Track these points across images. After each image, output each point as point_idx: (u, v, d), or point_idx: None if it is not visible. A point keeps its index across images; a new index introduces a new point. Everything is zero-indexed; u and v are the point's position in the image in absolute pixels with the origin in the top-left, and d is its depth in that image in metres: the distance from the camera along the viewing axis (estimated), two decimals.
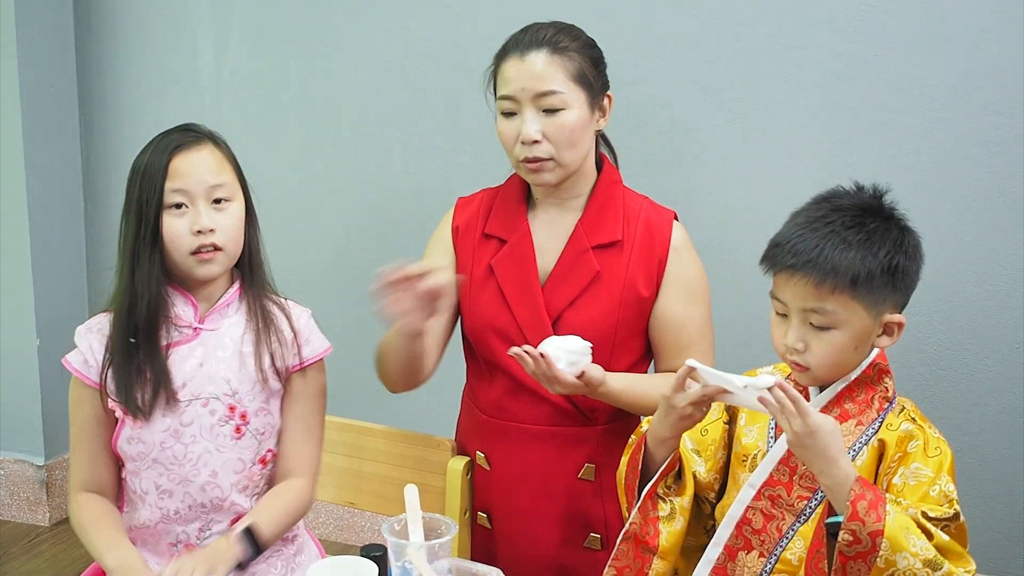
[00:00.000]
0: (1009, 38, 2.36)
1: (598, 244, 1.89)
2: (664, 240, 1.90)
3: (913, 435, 1.48)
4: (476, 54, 2.79)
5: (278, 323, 1.80)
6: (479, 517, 1.99)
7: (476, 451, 1.98)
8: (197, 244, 1.70)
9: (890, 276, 1.49)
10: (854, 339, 1.50)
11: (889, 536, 1.35)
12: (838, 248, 1.47)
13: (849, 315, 1.49)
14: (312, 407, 1.83)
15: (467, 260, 1.96)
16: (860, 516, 1.35)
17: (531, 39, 1.86)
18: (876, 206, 1.54)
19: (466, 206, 2.02)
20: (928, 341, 2.51)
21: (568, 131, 1.83)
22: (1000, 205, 2.42)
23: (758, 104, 2.58)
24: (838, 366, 1.52)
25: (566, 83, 1.83)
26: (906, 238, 1.52)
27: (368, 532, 3.14)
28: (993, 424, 2.50)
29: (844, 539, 1.36)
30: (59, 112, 3.21)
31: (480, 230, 1.97)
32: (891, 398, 1.53)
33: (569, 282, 1.89)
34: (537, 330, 1.87)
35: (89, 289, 3.35)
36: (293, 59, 3.04)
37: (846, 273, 1.46)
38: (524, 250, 1.92)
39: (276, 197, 2.88)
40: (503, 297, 1.91)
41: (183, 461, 1.73)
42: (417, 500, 1.49)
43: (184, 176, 1.69)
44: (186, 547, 1.76)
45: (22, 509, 3.32)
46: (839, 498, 1.39)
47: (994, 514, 2.53)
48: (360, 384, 2.45)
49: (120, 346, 1.71)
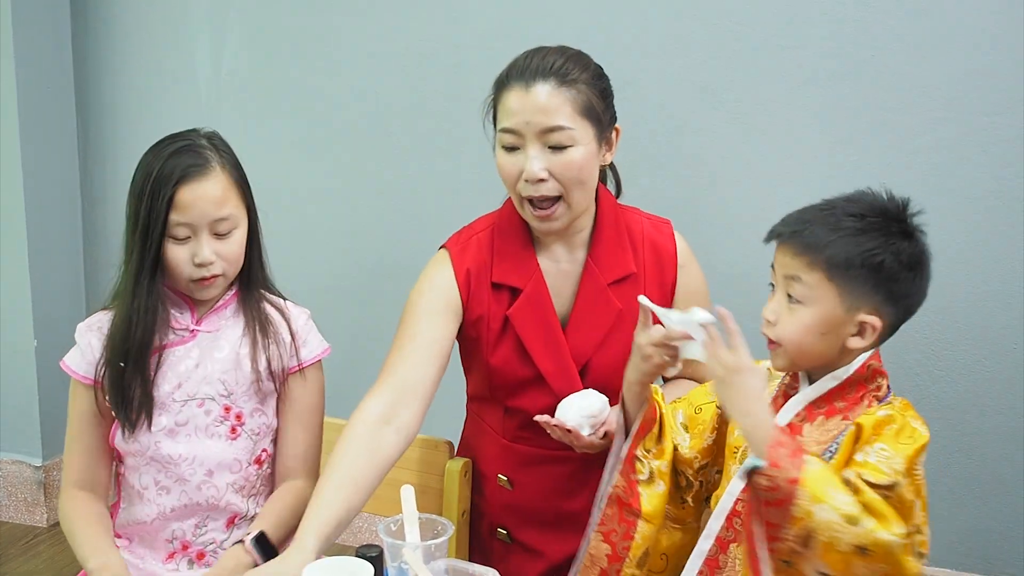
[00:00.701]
0: (1008, 38, 2.36)
1: (614, 280, 1.83)
2: (671, 258, 1.86)
3: (891, 420, 1.46)
4: (475, 54, 2.80)
5: (276, 325, 1.80)
6: (499, 533, 1.96)
7: (497, 474, 1.93)
8: (198, 274, 1.70)
9: (871, 272, 1.47)
10: (822, 323, 1.49)
11: (807, 485, 1.35)
12: (827, 227, 1.49)
13: (821, 295, 1.48)
14: (311, 408, 1.83)
15: (483, 312, 1.84)
16: (778, 463, 1.36)
17: (537, 68, 1.72)
18: (890, 209, 1.52)
19: (464, 251, 1.85)
20: (926, 340, 2.51)
21: (576, 169, 1.72)
22: (998, 205, 2.42)
23: (757, 104, 2.58)
24: (803, 348, 1.51)
25: (573, 117, 1.71)
26: (907, 245, 1.50)
27: (364, 533, 3.14)
28: (991, 424, 2.50)
29: (761, 484, 1.36)
30: (56, 112, 3.21)
31: (488, 278, 1.84)
32: (882, 397, 1.52)
33: (591, 325, 1.82)
34: (563, 378, 1.81)
35: (87, 289, 3.35)
36: (291, 59, 3.04)
37: (824, 250, 1.47)
38: (542, 298, 1.82)
39: (273, 197, 2.86)
40: (523, 349, 1.83)
41: (179, 460, 1.74)
42: (413, 501, 1.49)
43: (189, 209, 1.66)
44: (182, 544, 1.77)
45: (20, 510, 3.32)
46: (757, 442, 1.39)
47: (992, 513, 2.53)
48: (358, 385, 2.43)
49: (112, 366, 1.72)
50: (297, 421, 1.82)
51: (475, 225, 1.90)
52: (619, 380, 1.75)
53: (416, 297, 1.83)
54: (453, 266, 1.83)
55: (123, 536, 1.81)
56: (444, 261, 1.85)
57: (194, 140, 1.72)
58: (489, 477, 1.95)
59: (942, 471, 2.55)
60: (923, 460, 1.44)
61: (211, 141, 1.73)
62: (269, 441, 1.81)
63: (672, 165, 2.66)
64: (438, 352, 1.79)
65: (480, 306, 1.83)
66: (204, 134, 1.75)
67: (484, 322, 1.84)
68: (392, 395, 1.73)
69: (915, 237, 1.51)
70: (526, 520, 1.92)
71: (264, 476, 1.82)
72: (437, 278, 1.83)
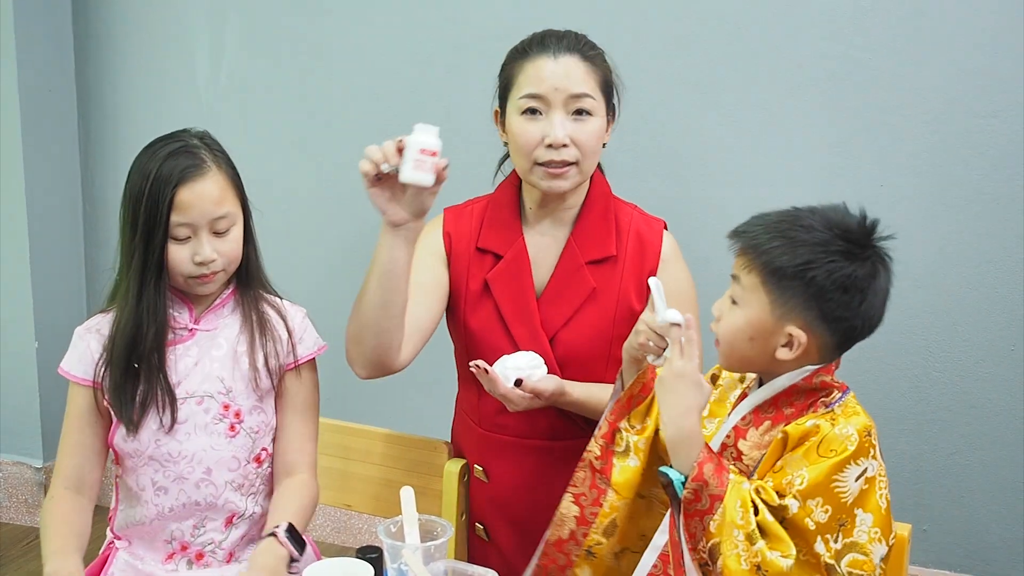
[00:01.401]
0: (1005, 41, 2.36)
1: (592, 260, 1.88)
2: (655, 252, 1.89)
3: (815, 430, 1.43)
4: (473, 59, 2.81)
5: (273, 323, 1.82)
6: (476, 528, 1.98)
7: (474, 464, 1.97)
8: (198, 272, 1.72)
9: (802, 284, 1.43)
10: (750, 326, 1.48)
11: (727, 504, 1.37)
12: (774, 233, 1.47)
13: (753, 299, 1.47)
14: (308, 404, 1.85)
15: (462, 272, 1.93)
16: (705, 478, 1.38)
17: (560, 41, 1.83)
18: (850, 228, 1.47)
19: (456, 217, 1.96)
20: (923, 343, 2.52)
21: (595, 138, 1.82)
22: (995, 207, 2.42)
23: (753, 106, 2.59)
24: (734, 350, 1.51)
25: (596, 90, 1.82)
26: (847, 267, 1.44)
27: (364, 534, 3.15)
28: (989, 426, 2.51)
29: (686, 496, 1.38)
30: (58, 115, 3.22)
31: (473, 243, 1.93)
32: (830, 403, 1.48)
33: (565, 299, 1.88)
34: (535, 346, 1.85)
35: (88, 291, 3.35)
36: (289, 61, 3.04)
37: (763, 255, 1.46)
38: (521, 266, 1.89)
39: (271, 198, 2.88)
40: (499, 314, 1.89)
41: (177, 459, 1.74)
42: (413, 502, 1.49)
43: (189, 209, 1.68)
44: (181, 545, 1.78)
45: (20, 511, 3.32)
46: (683, 453, 1.40)
47: (991, 516, 2.53)
48: (355, 386, 2.44)
49: (121, 366, 1.72)
50: (295, 417, 1.83)
51: (474, 199, 2.00)
52: (586, 355, 1.85)
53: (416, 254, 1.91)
54: (444, 225, 1.95)
55: (122, 537, 1.81)
56: (437, 221, 1.97)
57: (187, 140, 1.74)
58: (471, 471, 1.98)
59: (940, 473, 2.55)
60: (856, 473, 1.39)
61: (203, 141, 1.76)
62: (268, 440, 1.82)
63: (668, 165, 2.67)
64: (431, 291, 1.90)
65: (461, 264, 1.92)
66: (195, 134, 1.77)
67: (464, 281, 1.91)
68: None
69: (865, 260, 1.46)
70: (501, 515, 1.95)
71: (263, 475, 1.83)
72: (428, 234, 1.93)
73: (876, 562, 1.40)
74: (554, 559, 1.67)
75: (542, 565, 1.69)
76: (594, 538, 1.63)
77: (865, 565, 1.39)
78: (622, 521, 1.62)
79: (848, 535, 1.39)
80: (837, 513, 1.39)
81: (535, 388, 1.74)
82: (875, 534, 1.40)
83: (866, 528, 1.40)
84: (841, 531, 1.39)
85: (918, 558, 2.54)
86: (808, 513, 1.37)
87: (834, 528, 1.39)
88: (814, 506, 1.38)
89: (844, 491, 1.39)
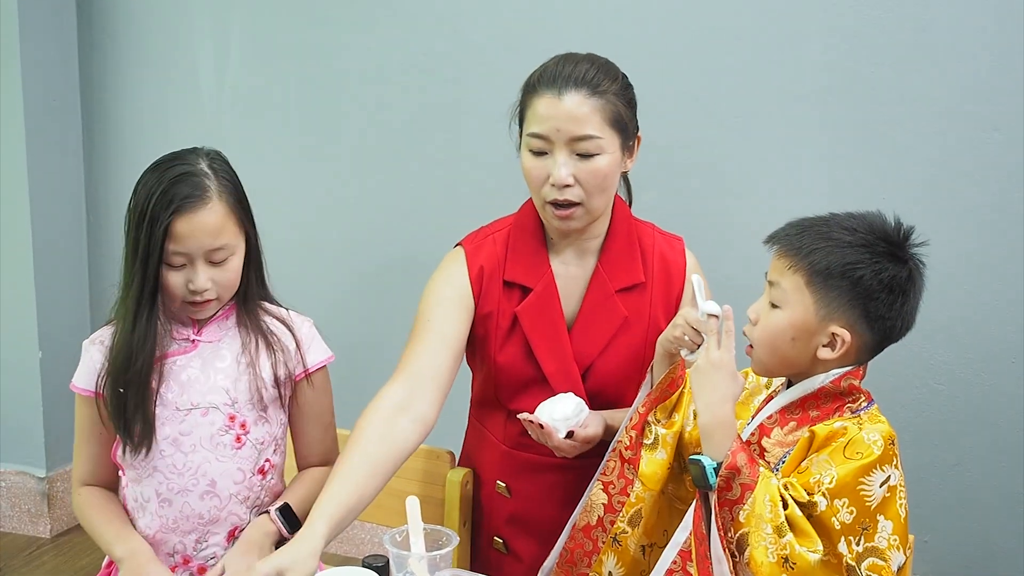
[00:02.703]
0: (1006, 55, 2.37)
1: (622, 288, 1.86)
2: (680, 272, 1.88)
3: (843, 432, 1.45)
4: (475, 69, 2.83)
5: (278, 334, 1.82)
6: (494, 542, 1.97)
7: (496, 480, 1.94)
8: (191, 298, 1.72)
9: (849, 285, 1.47)
10: (793, 327, 1.50)
11: (756, 495, 1.39)
12: (817, 235, 1.50)
13: (797, 300, 1.50)
14: (323, 407, 1.88)
15: (492, 308, 1.87)
16: (738, 466, 1.40)
17: (568, 76, 1.76)
18: (889, 233, 1.51)
19: (479, 249, 1.89)
20: (925, 354, 2.52)
21: (601, 177, 1.76)
22: (996, 219, 2.43)
23: (754, 118, 2.60)
24: (775, 352, 1.53)
25: (602, 127, 1.75)
26: (892, 267, 1.48)
27: (368, 544, 3.15)
28: (990, 438, 2.51)
29: (719, 483, 1.40)
30: (62, 126, 3.23)
31: (500, 275, 1.87)
32: (856, 409, 1.51)
33: (597, 329, 1.85)
34: (566, 379, 1.84)
35: (91, 302, 3.36)
36: (293, 73, 3.06)
37: (808, 256, 1.49)
38: (550, 299, 1.85)
39: (275, 210, 2.89)
40: (529, 348, 1.86)
41: (183, 471, 1.75)
42: (418, 511, 1.50)
43: (185, 239, 1.67)
44: (183, 559, 1.78)
45: (23, 521, 3.32)
46: (716, 440, 1.43)
47: (991, 528, 2.54)
48: (359, 397, 2.45)
49: (112, 387, 1.73)
50: (311, 422, 1.86)
51: (492, 226, 1.94)
52: (619, 386, 1.83)
53: (430, 292, 1.86)
54: (467, 263, 1.87)
55: None
56: (459, 258, 1.88)
57: (193, 165, 1.71)
58: (488, 486, 1.96)
59: (942, 484, 2.56)
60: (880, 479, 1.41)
61: (212, 165, 1.72)
62: (272, 451, 1.82)
63: (669, 178, 2.67)
64: (453, 344, 1.82)
65: (490, 303, 1.86)
66: (205, 154, 1.74)
67: (493, 319, 1.86)
68: (408, 385, 1.75)
69: (905, 263, 1.50)
70: (523, 529, 1.93)
71: (267, 487, 1.83)
72: (451, 274, 1.87)
73: (894, 569, 1.42)
74: (581, 544, 1.72)
75: (569, 548, 1.73)
76: (620, 526, 1.67)
77: (884, 571, 1.41)
78: (647, 513, 1.65)
79: (870, 540, 1.41)
80: (861, 516, 1.41)
81: (587, 437, 1.74)
82: (894, 542, 1.42)
83: (886, 535, 1.42)
84: (864, 535, 1.41)
85: (919, 569, 2.54)
86: (835, 512, 1.40)
87: (857, 531, 1.41)
88: (840, 506, 1.40)
89: (869, 495, 1.41)
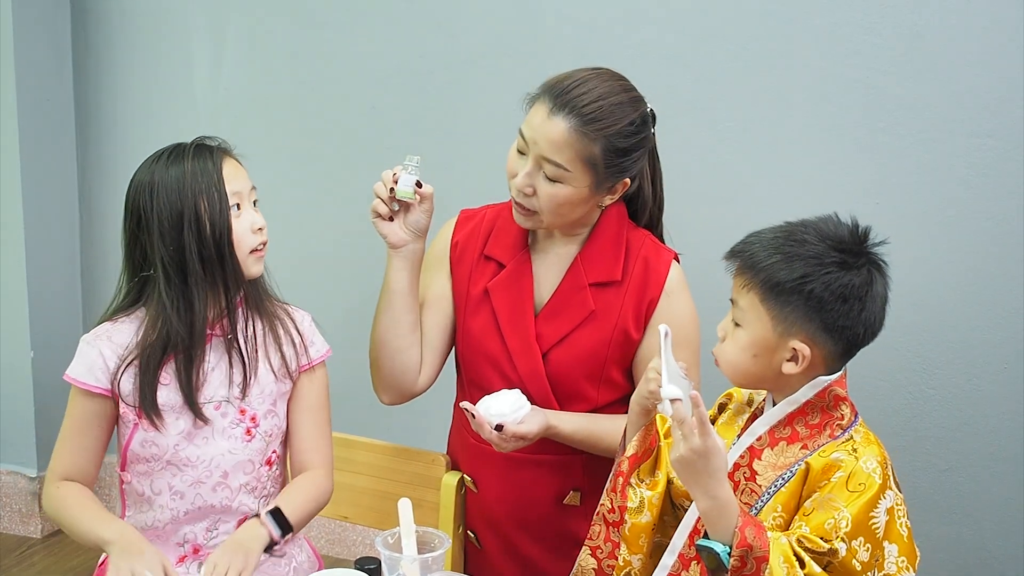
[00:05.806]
0: (1001, 61, 2.38)
1: (596, 282, 1.87)
2: (659, 281, 1.87)
3: (839, 465, 1.44)
4: (470, 70, 2.82)
5: (286, 325, 1.84)
6: (469, 536, 2.00)
7: (464, 473, 1.99)
8: (258, 241, 1.76)
9: (802, 298, 1.45)
10: (754, 345, 1.49)
11: (772, 564, 1.36)
12: (769, 250, 1.48)
13: (754, 318, 1.48)
14: (321, 403, 1.88)
15: (464, 279, 1.95)
16: (749, 542, 1.36)
17: (571, 99, 1.75)
18: (844, 238, 1.48)
19: (468, 221, 1.99)
20: (917, 359, 2.52)
21: (556, 203, 1.79)
22: (989, 225, 2.43)
23: (746, 123, 2.60)
24: (738, 369, 1.52)
25: (574, 162, 1.75)
26: (843, 276, 1.45)
27: (361, 546, 3.15)
28: (983, 443, 2.51)
29: (733, 564, 1.37)
30: (56, 126, 3.22)
31: (479, 250, 1.94)
32: (846, 426, 1.50)
33: (563, 317, 1.87)
34: (527, 360, 1.87)
35: (84, 301, 3.35)
36: (288, 73, 3.05)
37: (759, 273, 1.48)
38: (522, 278, 1.90)
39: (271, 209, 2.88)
40: (496, 323, 1.90)
41: (196, 463, 1.76)
42: (411, 514, 1.50)
43: (234, 179, 1.75)
44: (193, 548, 1.79)
45: (14, 521, 3.32)
46: (719, 521, 1.38)
47: (984, 533, 2.54)
48: (353, 399, 2.45)
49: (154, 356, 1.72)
50: (310, 417, 1.86)
51: (493, 204, 2.02)
52: (578, 374, 1.85)
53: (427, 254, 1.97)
54: (454, 231, 2.00)
55: None
56: (450, 224, 2.02)
57: (195, 141, 1.79)
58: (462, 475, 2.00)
59: (934, 491, 2.56)
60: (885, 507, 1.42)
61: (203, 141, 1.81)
62: (279, 443, 1.85)
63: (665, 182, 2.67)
64: (435, 305, 1.97)
65: (463, 271, 1.95)
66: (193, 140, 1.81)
67: (466, 286, 1.94)
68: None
69: (860, 268, 1.47)
70: (489, 524, 1.97)
71: (274, 477, 1.86)
72: (439, 237, 2.02)
73: None
74: None
75: None
76: None
77: None
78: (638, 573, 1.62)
79: (881, 569, 1.42)
80: (875, 550, 1.41)
81: (516, 432, 1.75)
82: (902, 563, 1.43)
83: (893, 559, 1.43)
84: (876, 566, 1.42)
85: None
86: (854, 554, 1.39)
87: (872, 564, 1.41)
88: (858, 546, 1.40)
89: (878, 526, 1.42)
